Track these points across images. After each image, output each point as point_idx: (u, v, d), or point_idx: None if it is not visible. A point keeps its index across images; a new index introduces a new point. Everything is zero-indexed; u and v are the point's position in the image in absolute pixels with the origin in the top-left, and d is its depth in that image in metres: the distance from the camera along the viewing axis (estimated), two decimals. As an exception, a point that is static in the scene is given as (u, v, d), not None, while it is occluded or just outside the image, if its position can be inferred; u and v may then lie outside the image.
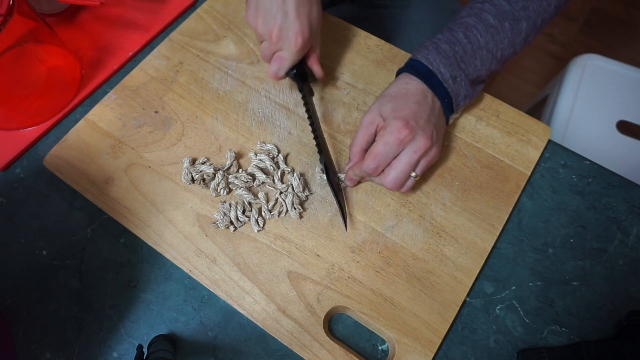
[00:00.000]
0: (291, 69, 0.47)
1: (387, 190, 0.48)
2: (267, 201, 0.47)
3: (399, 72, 0.48)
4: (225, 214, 0.46)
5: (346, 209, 0.47)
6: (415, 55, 0.47)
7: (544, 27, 0.49)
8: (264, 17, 0.44)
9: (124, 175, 0.49)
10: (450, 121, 0.49)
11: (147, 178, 0.49)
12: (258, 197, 0.46)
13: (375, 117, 0.44)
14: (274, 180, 0.48)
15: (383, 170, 0.44)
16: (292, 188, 0.47)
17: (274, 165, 0.48)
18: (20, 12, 0.45)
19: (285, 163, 0.49)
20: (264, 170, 0.48)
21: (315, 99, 0.53)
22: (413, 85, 0.45)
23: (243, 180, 0.47)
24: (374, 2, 0.74)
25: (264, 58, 0.48)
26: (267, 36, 0.45)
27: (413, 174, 0.43)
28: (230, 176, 0.48)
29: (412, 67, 0.46)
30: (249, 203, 0.47)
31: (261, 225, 0.46)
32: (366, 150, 0.45)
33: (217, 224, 0.46)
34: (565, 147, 0.51)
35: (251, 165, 0.48)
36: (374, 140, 0.45)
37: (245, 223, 0.46)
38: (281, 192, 0.47)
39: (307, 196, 0.47)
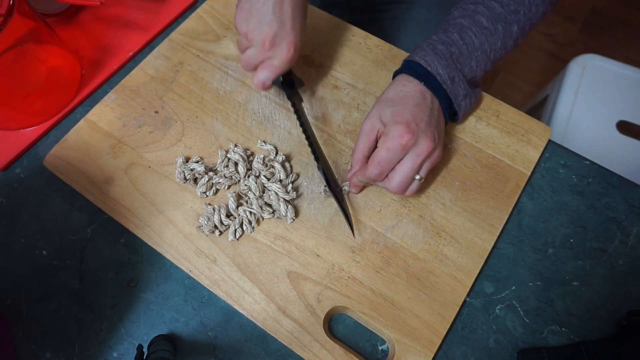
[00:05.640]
0: (277, 77, 0.46)
1: (387, 191, 0.48)
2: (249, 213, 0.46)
3: (396, 74, 0.48)
4: (209, 218, 0.45)
5: (351, 214, 0.46)
6: (412, 57, 0.46)
7: (534, 30, 0.50)
8: (258, 22, 0.43)
9: (124, 175, 0.49)
10: (459, 121, 0.49)
11: (147, 178, 0.49)
12: (238, 211, 0.46)
13: (375, 123, 0.44)
14: (239, 180, 0.48)
15: (387, 175, 0.44)
16: (251, 190, 0.47)
17: (247, 166, 0.48)
18: (20, 12, 0.45)
19: (283, 164, 0.49)
20: (236, 165, 0.48)
21: (315, 99, 0.53)
22: (411, 87, 0.45)
23: (227, 177, 0.47)
24: (377, 1, 0.74)
25: (245, 65, 0.46)
26: (259, 43, 0.44)
27: (417, 177, 0.43)
28: (215, 177, 0.47)
29: (410, 69, 0.46)
30: (233, 210, 0.46)
31: (237, 237, 0.45)
32: (368, 157, 0.45)
33: (202, 229, 0.45)
34: (565, 147, 0.51)
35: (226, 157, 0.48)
36: (375, 146, 0.44)
37: (229, 227, 0.46)
38: (246, 201, 0.47)
39: (269, 197, 0.47)
